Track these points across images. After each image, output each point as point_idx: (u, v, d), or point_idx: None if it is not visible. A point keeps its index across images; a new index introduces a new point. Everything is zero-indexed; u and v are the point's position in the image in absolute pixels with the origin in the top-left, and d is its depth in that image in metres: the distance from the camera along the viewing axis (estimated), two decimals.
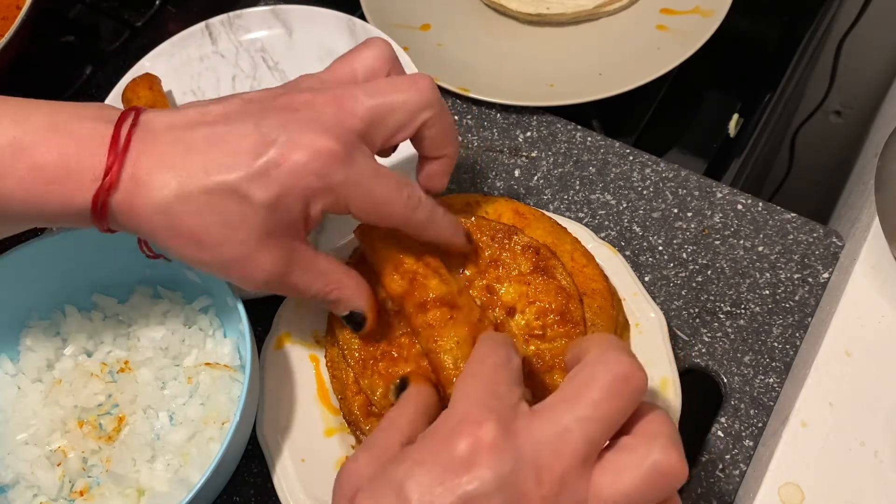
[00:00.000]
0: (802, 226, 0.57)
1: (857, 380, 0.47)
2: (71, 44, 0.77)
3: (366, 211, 0.42)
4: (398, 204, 0.43)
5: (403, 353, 0.47)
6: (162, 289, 0.55)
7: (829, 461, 0.44)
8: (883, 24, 0.95)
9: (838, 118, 1.09)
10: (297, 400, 0.50)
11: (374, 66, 0.45)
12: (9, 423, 0.52)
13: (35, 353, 0.53)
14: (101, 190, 0.39)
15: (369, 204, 0.42)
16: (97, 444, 0.51)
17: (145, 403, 0.52)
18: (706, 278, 0.56)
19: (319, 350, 0.52)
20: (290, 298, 0.53)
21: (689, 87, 0.75)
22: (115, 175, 0.39)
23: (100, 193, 0.39)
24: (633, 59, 0.68)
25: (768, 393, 0.51)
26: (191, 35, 0.68)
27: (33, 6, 0.66)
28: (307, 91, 0.43)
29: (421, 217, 0.44)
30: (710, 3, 0.69)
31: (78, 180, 0.39)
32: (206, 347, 0.53)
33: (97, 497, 0.49)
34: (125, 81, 0.65)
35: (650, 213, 0.59)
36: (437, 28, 0.73)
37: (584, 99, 0.64)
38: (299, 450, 0.49)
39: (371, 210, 0.42)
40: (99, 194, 0.39)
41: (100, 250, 0.53)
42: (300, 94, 0.43)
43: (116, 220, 0.41)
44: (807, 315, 0.54)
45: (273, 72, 0.68)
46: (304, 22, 0.68)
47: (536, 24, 0.73)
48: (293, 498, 0.47)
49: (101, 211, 0.40)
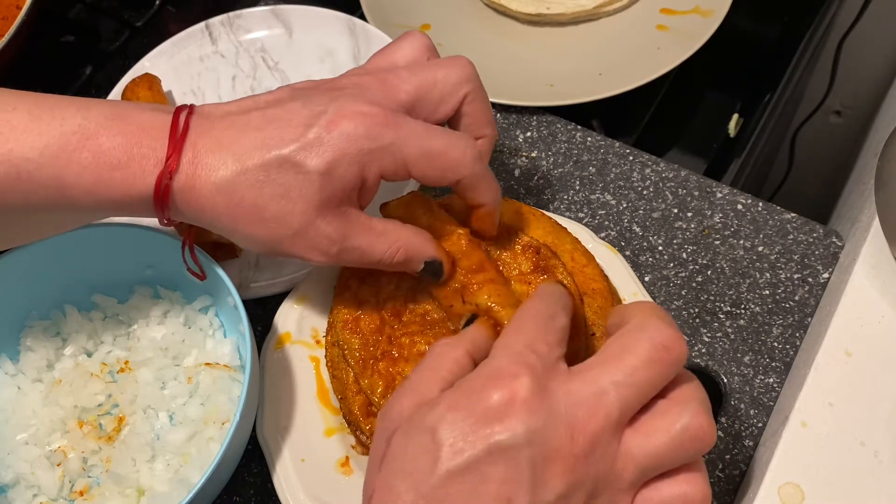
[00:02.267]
0: (802, 226, 0.57)
1: (857, 380, 0.47)
2: (71, 44, 0.77)
3: (427, 165, 0.42)
4: (456, 150, 0.43)
5: (404, 353, 0.47)
6: (162, 289, 0.55)
7: (829, 461, 0.44)
8: (883, 24, 0.95)
9: (838, 118, 1.09)
10: (297, 400, 0.50)
11: (414, 55, 0.46)
12: (9, 423, 0.52)
13: (35, 353, 0.53)
14: (163, 173, 0.40)
15: (429, 156, 0.42)
16: (97, 444, 0.51)
17: (145, 403, 0.52)
18: (706, 278, 0.56)
19: (319, 350, 0.52)
20: (290, 298, 0.53)
21: (689, 87, 0.75)
22: (176, 158, 0.40)
23: (162, 177, 0.40)
24: (633, 59, 0.67)
25: (768, 393, 0.51)
26: (191, 35, 0.68)
27: (33, 6, 0.66)
28: (351, 76, 0.45)
29: (482, 168, 0.44)
30: (710, 3, 0.69)
31: (141, 165, 0.40)
32: (206, 347, 0.53)
33: (97, 497, 0.49)
34: (125, 81, 0.65)
35: (650, 213, 0.59)
36: (437, 28, 0.73)
37: (584, 99, 0.64)
38: (299, 450, 0.49)
39: (432, 163, 0.42)
40: (161, 178, 0.40)
41: (100, 250, 0.53)
42: (345, 78, 0.45)
43: (177, 206, 0.42)
44: (807, 315, 0.54)
45: (273, 72, 0.68)
46: (304, 22, 0.68)
47: (536, 24, 0.73)
48: (293, 498, 0.47)
49: (163, 196, 0.41)
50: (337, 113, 0.41)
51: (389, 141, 0.41)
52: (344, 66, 0.66)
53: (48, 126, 0.40)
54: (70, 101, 0.41)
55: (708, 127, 0.75)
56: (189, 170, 0.41)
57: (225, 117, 0.42)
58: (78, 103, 0.41)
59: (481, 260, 0.46)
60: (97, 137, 0.40)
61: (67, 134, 0.40)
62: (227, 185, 0.41)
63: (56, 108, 0.40)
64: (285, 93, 0.44)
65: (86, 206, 0.41)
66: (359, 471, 0.48)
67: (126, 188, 0.41)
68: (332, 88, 0.43)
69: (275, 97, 0.44)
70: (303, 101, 0.42)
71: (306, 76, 0.67)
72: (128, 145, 0.40)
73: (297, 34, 0.68)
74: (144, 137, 0.41)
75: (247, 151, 0.41)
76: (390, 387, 0.46)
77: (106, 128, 0.40)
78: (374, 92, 0.43)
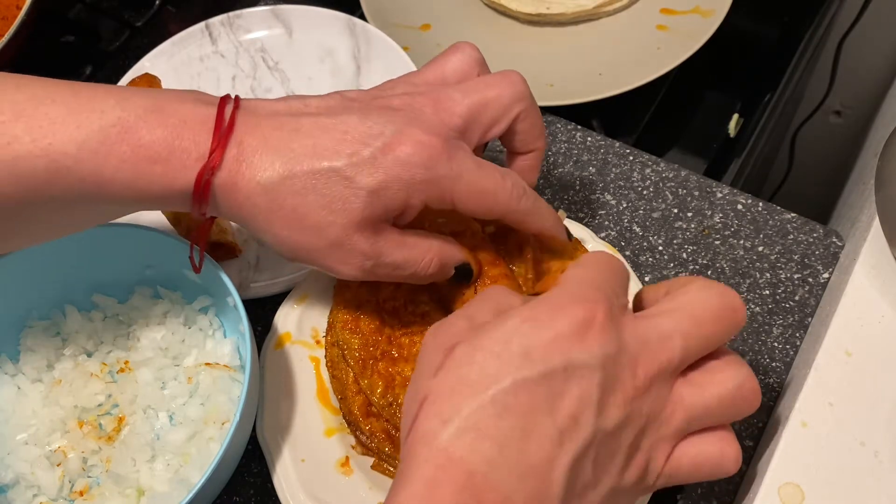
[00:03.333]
0: (802, 226, 0.57)
1: (857, 380, 0.46)
2: (71, 44, 0.77)
3: (472, 201, 0.42)
4: (504, 193, 0.43)
5: (403, 353, 0.47)
6: (162, 289, 0.55)
7: (829, 461, 0.44)
8: (883, 24, 0.95)
9: (838, 118, 1.09)
10: (297, 400, 0.50)
11: (464, 69, 0.46)
12: (9, 423, 0.52)
13: (35, 353, 0.53)
14: (204, 169, 0.40)
15: (475, 193, 0.42)
16: (97, 444, 0.51)
17: (145, 403, 0.52)
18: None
19: (319, 350, 0.52)
20: (290, 298, 0.53)
21: (689, 87, 0.75)
22: (220, 154, 0.40)
23: (203, 172, 0.40)
24: (633, 59, 0.67)
25: (768, 393, 0.51)
26: (191, 35, 0.68)
27: (33, 6, 0.66)
28: (404, 94, 0.44)
29: (526, 206, 0.44)
30: (710, 3, 0.69)
31: (182, 159, 0.40)
32: (206, 347, 0.53)
33: (97, 497, 0.49)
34: (125, 81, 0.65)
35: (650, 213, 0.59)
36: (437, 28, 0.73)
37: (584, 99, 0.64)
38: (299, 450, 0.49)
39: (477, 200, 0.43)
40: (203, 173, 0.40)
41: (100, 250, 0.53)
42: (397, 96, 0.44)
43: (217, 203, 0.41)
44: (807, 315, 0.54)
45: (273, 72, 0.68)
46: (304, 22, 0.68)
47: (536, 24, 0.73)
48: (293, 498, 0.47)
49: (203, 192, 0.40)
50: (394, 137, 0.41)
51: (443, 174, 0.41)
52: (344, 67, 0.66)
53: (87, 119, 0.39)
54: (108, 92, 0.41)
55: (708, 127, 0.75)
56: (233, 167, 0.40)
57: (273, 116, 0.42)
58: (116, 94, 0.40)
59: (494, 255, 0.47)
60: (137, 130, 0.39)
61: (106, 127, 0.39)
62: (271, 186, 0.40)
63: (94, 100, 0.40)
64: (337, 101, 0.43)
65: (125, 200, 0.41)
66: (359, 471, 0.48)
67: (168, 182, 0.40)
68: (387, 108, 0.42)
69: (326, 105, 0.43)
70: (359, 116, 0.41)
71: (306, 76, 0.67)
72: (169, 139, 0.40)
73: (297, 34, 0.68)
74: (186, 131, 0.40)
75: (297, 156, 0.40)
76: (390, 387, 0.46)
77: (145, 120, 0.40)
78: (429, 117, 0.42)
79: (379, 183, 0.40)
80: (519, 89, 0.45)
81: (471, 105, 0.43)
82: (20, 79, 0.41)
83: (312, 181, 0.40)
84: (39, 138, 0.39)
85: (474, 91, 0.44)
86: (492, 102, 0.44)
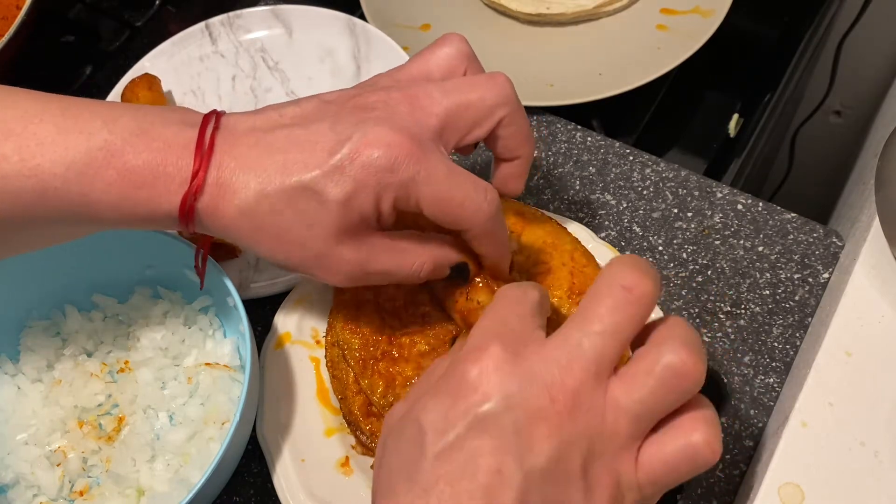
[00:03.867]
0: (802, 226, 0.57)
1: (857, 380, 0.47)
2: (71, 44, 0.77)
3: (436, 207, 0.41)
4: (471, 206, 0.41)
5: (404, 353, 0.47)
6: (162, 289, 0.55)
7: (829, 461, 0.44)
8: (883, 24, 0.95)
9: (838, 118, 1.09)
10: (297, 400, 0.50)
11: (451, 65, 0.45)
12: (9, 423, 0.52)
13: (35, 353, 0.53)
14: (187, 194, 0.40)
15: (441, 201, 0.41)
16: (97, 444, 0.51)
17: (145, 403, 0.52)
18: (706, 278, 0.56)
19: (319, 350, 0.52)
20: (290, 299, 0.53)
21: (689, 87, 0.75)
22: (201, 179, 0.40)
23: (187, 198, 0.40)
24: (633, 59, 0.67)
25: (768, 393, 0.51)
26: (191, 35, 0.68)
27: (33, 6, 0.66)
28: (382, 90, 0.43)
29: (489, 227, 0.42)
30: (710, 3, 0.69)
31: (166, 185, 0.40)
32: (206, 347, 0.53)
33: (97, 497, 0.49)
34: (125, 81, 0.65)
35: (650, 213, 0.59)
36: (437, 28, 0.73)
37: (584, 99, 0.64)
38: (299, 450, 0.49)
39: (442, 208, 0.41)
40: (186, 199, 0.40)
41: (100, 250, 0.53)
42: (374, 93, 0.42)
43: (203, 223, 0.41)
44: (807, 315, 0.54)
45: (273, 72, 0.68)
46: (304, 22, 0.68)
47: (536, 24, 0.73)
48: (293, 498, 0.47)
49: (188, 215, 0.40)
50: (362, 141, 0.40)
51: (409, 176, 0.40)
52: (344, 67, 0.66)
53: (75, 140, 0.39)
54: (95, 112, 0.40)
55: (708, 127, 0.75)
56: (213, 191, 0.40)
57: (250, 133, 0.41)
58: (104, 114, 0.40)
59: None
60: (123, 155, 0.39)
61: (93, 150, 0.39)
62: (249, 209, 0.40)
63: (81, 119, 0.40)
64: (313, 107, 0.42)
65: (110, 220, 0.41)
66: (359, 471, 0.48)
67: (153, 206, 0.40)
68: (361, 108, 0.42)
69: (302, 113, 0.42)
70: (331, 122, 0.41)
71: (306, 76, 0.67)
72: (153, 164, 0.40)
73: (297, 34, 0.68)
74: (170, 155, 0.40)
75: (269, 175, 0.40)
76: (390, 387, 0.46)
77: (132, 144, 0.40)
78: (403, 115, 0.41)
79: (347, 193, 0.40)
80: (503, 92, 0.43)
81: (450, 106, 0.42)
82: (9, 93, 0.41)
83: (286, 199, 0.40)
84: (28, 158, 0.39)
85: (456, 91, 0.42)
86: (473, 104, 0.42)
